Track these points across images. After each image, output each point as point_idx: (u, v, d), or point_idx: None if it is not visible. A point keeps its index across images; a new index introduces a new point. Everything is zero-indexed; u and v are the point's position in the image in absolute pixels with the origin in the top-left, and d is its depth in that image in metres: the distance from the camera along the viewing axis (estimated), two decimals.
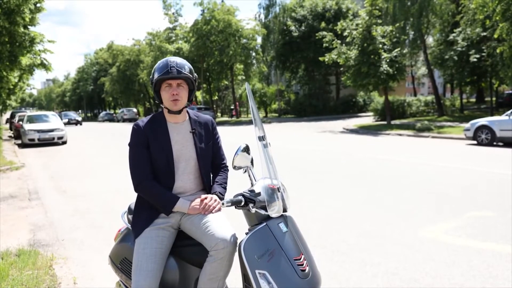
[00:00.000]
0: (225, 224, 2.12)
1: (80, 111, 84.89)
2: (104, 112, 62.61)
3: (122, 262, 2.39)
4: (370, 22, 21.18)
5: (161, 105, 2.30)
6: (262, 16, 39.35)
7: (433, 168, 8.74)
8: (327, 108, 36.21)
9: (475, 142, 13.25)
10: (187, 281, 2.19)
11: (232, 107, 42.11)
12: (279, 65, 38.09)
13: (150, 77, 2.27)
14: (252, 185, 2.17)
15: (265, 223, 2.00)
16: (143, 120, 2.30)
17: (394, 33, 21.60)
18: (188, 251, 2.22)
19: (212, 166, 2.43)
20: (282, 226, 2.02)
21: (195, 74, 2.32)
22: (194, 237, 2.17)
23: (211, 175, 2.44)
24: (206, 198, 2.18)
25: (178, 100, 2.23)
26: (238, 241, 2.01)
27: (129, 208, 2.50)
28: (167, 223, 2.22)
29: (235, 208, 2.05)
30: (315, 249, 4.05)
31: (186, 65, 2.25)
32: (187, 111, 2.37)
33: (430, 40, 32.01)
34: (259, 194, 2.05)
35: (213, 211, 2.15)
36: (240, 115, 40.55)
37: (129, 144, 2.27)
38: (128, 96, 57.27)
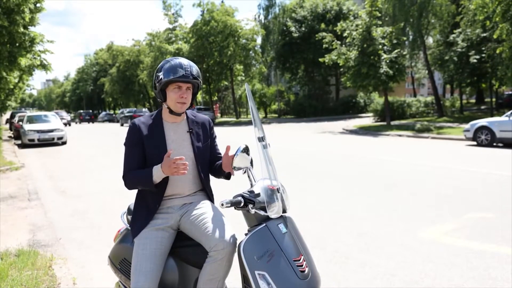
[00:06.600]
0: (225, 224, 2.12)
1: (70, 112, 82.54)
2: (104, 113, 62.50)
3: (121, 263, 2.38)
4: (370, 23, 21.19)
5: (163, 103, 2.29)
6: (262, 17, 39.38)
7: (433, 169, 8.73)
8: (327, 108, 36.17)
9: (475, 143, 13.25)
10: (187, 282, 2.19)
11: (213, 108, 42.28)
12: (279, 65, 38.09)
13: (157, 73, 2.21)
14: (251, 186, 2.17)
15: (264, 224, 2.00)
16: (139, 119, 2.30)
17: (394, 34, 21.60)
18: (187, 251, 2.22)
19: (210, 164, 2.43)
20: (281, 227, 2.02)
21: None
22: (193, 237, 2.17)
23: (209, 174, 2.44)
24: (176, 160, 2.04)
25: (185, 104, 2.24)
26: (238, 242, 2.02)
27: (129, 209, 2.50)
28: (166, 224, 2.22)
29: (235, 209, 2.05)
30: (314, 250, 4.05)
31: (196, 69, 2.24)
32: (185, 111, 2.38)
33: (430, 41, 32.00)
34: (258, 195, 2.04)
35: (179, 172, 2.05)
36: (239, 115, 40.55)
37: (124, 143, 2.28)
38: (128, 97, 57.25)
